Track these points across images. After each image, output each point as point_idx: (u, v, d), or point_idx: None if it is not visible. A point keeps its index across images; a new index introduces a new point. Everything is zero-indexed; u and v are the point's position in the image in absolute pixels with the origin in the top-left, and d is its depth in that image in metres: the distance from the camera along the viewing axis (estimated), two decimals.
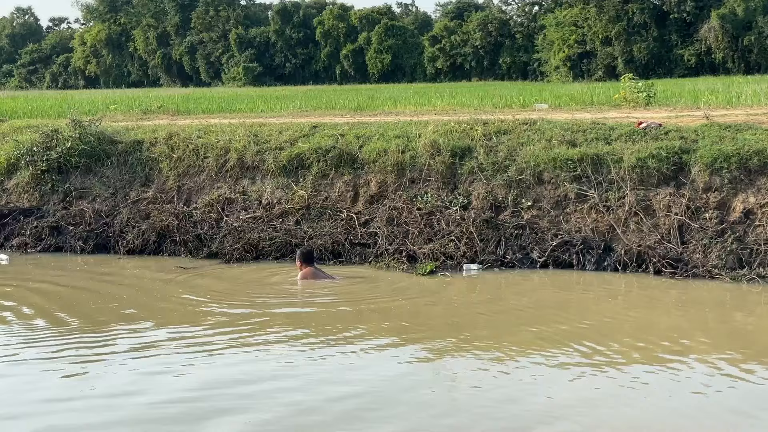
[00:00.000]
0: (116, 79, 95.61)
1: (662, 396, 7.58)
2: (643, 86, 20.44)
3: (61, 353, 8.97)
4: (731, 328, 10.04)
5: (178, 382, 8.04)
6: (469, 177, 13.79)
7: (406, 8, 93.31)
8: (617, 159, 13.09)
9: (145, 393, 7.74)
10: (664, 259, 12.03)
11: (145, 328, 10.04)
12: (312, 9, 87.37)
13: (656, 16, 62.84)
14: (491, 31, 75.65)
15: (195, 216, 14.68)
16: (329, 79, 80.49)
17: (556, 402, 7.47)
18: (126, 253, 14.38)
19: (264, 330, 9.74)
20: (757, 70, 54.56)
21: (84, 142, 16.00)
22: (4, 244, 15.07)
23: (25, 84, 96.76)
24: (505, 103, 22.60)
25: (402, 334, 9.60)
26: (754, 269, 11.62)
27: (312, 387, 7.81)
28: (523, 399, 7.58)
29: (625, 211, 12.71)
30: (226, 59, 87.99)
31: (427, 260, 12.74)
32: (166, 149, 15.80)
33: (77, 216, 15.22)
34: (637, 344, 9.10)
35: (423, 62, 79.11)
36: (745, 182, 12.45)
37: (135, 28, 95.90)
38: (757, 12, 57.36)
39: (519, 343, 9.18)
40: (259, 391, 7.75)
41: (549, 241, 12.76)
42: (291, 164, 14.80)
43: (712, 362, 8.46)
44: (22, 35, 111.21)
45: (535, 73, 71.64)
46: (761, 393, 7.73)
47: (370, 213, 13.92)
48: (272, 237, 13.84)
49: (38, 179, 15.96)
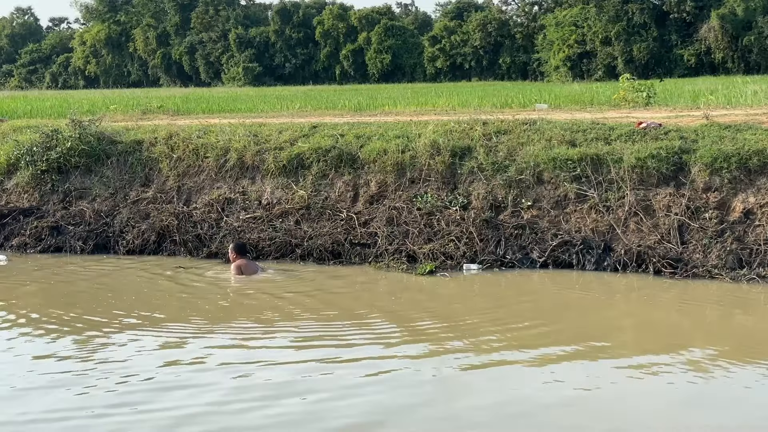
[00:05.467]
0: (116, 79, 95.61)
1: (662, 396, 7.58)
2: (642, 86, 20.45)
3: (61, 353, 8.98)
4: (731, 328, 10.05)
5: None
6: (469, 177, 13.78)
7: (406, 8, 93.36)
8: (617, 159, 13.09)
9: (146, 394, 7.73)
10: (664, 259, 12.03)
11: (145, 328, 10.05)
12: (312, 9, 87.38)
13: (656, 16, 62.88)
14: (491, 31, 75.67)
15: (195, 216, 14.67)
16: (329, 79, 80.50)
17: (555, 402, 7.46)
18: (126, 253, 14.37)
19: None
20: (757, 70, 54.60)
21: (84, 142, 15.98)
22: (4, 244, 15.06)
23: (25, 84, 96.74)
24: (505, 103, 22.61)
25: (394, 335, 9.61)
26: (754, 269, 11.62)
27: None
28: (523, 399, 7.57)
29: (625, 211, 12.70)
30: (226, 59, 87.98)
31: (427, 260, 12.73)
32: (166, 149, 15.79)
33: (77, 216, 15.21)
34: (636, 344, 9.11)
35: (423, 62, 79.14)
36: (745, 182, 12.45)
37: (135, 28, 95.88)
38: (757, 12, 57.38)
39: (519, 343, 9.17)
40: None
41: (549, 241, 12.76)
42: (291, 164, 14.80)
43: (712, 362, 8.45)
44: (22, 35, 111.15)
45: (535, 73, 71.66)
46: (761, 393, 7.73)
47: (370, 213, 13.91)
48: (272, 237, 13.83)
49: (38, 179, 15.95)
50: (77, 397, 7.68)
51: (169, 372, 8.34)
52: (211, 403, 7.47)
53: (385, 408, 7.37)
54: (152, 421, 7.11)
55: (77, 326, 10.05)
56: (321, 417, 7.17)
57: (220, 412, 7.29)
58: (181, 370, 8.37)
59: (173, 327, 10.03)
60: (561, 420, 7.08)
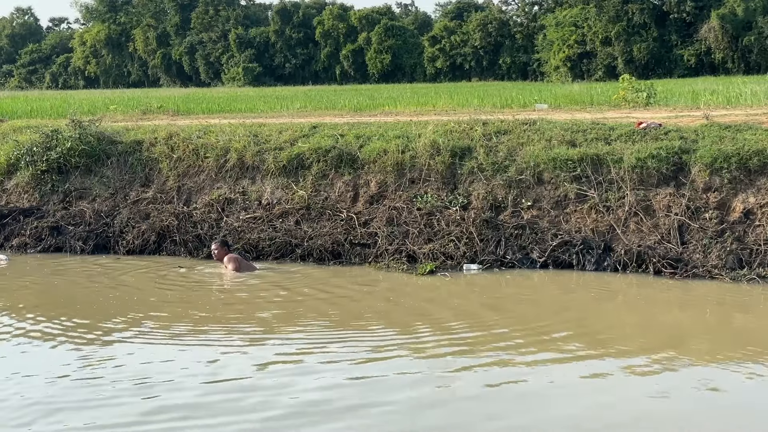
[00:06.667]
0: (116, 79, 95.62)
1: (662, 396, 7.57)
2: (642, 86, 20.46)
3: (61, 353, 8.98)
4: (731, 328, 10.04)
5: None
6: (469, 177, 13.78)
7: (406, 8, 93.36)
8: (617, 159, 13.09)
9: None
10: (664, 259, 12.03)
11: (144, 327, 10.05)
12: (312, 9, 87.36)
13: (656, 16, 62.88)
14: (491, 32, 75.67)
15: (195, 216, 14.67)
16: (329, 80, 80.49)
17: (554, 402, 7.46)
18: (126, 253, 14.37)
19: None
20: (757, 70, 54.60)
21: (84, 142, 15.98)
22: (4, 245, 15.05)
23: (25, 84, 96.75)
24: (505, 103, 22.62)
25: (401, 334, 9.61)
26: (754, 269, 11.61)
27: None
28: (522, 399, 7.58)
29: (625, 211, 12.70)
30: (226, 59, 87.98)
31: (427, 260, 12.73)
32: (166, 149, 15.79)
33: (77, 216, 15.21)
34: (636, 344, 9.10)
35: (423, 62, 79.14)
36: (745, 182, 12.45)
37: (135, 28, 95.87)
38: (757, 12, 57.38)
39: (518, 343, 9.17)
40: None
41: (549, 241, 12.76)
42: (291, 164, 14.79)
43: (711, 362, 8.46)
44: (22, 35, 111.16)
45: (535, 74, 71.65)
46: (761, 393, 7.74)
47: (370, 213, 13.91)
48: (272, 237, 13.83)
49: (38, 179, 15.95)
50: (78, 397, 7.68)
51: (167, 372, 8.35)
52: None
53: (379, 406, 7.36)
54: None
55: (77, 326, 10.03)
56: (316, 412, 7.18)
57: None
58: (180, 370, 8.38)
59: (176, 327, 10.03)
60: (561, 420, 7.08)
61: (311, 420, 7.09)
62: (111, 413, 7.26)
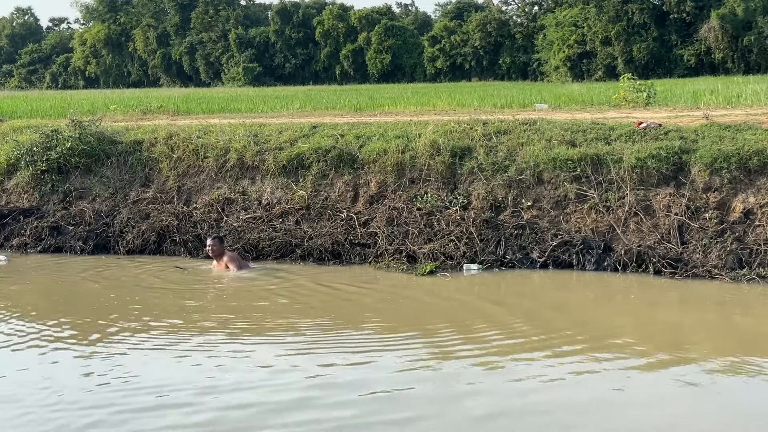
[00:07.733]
0: (116, 79, 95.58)
1: (661, 396, 7.57)
2: (642, 86, 20.45)
3: (61, 354, 8.98)
4: (731, 328, 10.04)
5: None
6: (469, 177, 13.79)
7: (406, 8, 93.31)
8: (617, 159, 13.09)
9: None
10: (664, 259, 12.03)
11: (146, 329, 10.05)
12: (312, 9, 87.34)
13: (656, 16, 62.87)
14: (491, 32, 75.65)
15: (195, 216, 14.68)
16: (329, 79, 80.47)
17: (554, 403, 7.47)
18: (126, 253, 14.37)
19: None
20: (757, 70, 54.59)
21: (84, 142, 15.99)
22: (4, 245, 15.06)
23: (25, 84, 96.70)
24: (505, 103, 22.61)
25: (398, 332, 9.62)
26: (754, 269, 11.62)
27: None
28: (521, 400, 7.57)
29: (625, 211, 12.71)
30: (226, 59, 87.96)
31: (427, 260, 12.73)
32: (165, 149, 15.80)
33: (77, 216, 15.22)
34: (636, 344, 9.10)
35: (423, 62, 79.12)
36: (745, 182, 12.45)
37: (135, 28, 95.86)
38: (756, 12, 57.37)
39: (518, 343, 9.17)
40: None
41: (549, 241, 12.76)
42: (291, 164, 14.80)
43: (711, 362, 8.46)
44: (22, 35, 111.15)
45: (535, 74, 71.65)
46: (761, 393, 7.74)
47: (370, 213, 13.91)
48: (272, 237, 13.83)
49: (38, 179, 15.96)
50: (76, 397, 7.68)
51: (167, 373, 8.34)
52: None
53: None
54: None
55: (77, 326, 10.04)
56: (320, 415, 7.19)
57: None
58: (180, 370, 8.38)
59: (176, 327, 10.03)
60: (561, 420, 7.08)
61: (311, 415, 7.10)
62: (108, 413, 7.26)
